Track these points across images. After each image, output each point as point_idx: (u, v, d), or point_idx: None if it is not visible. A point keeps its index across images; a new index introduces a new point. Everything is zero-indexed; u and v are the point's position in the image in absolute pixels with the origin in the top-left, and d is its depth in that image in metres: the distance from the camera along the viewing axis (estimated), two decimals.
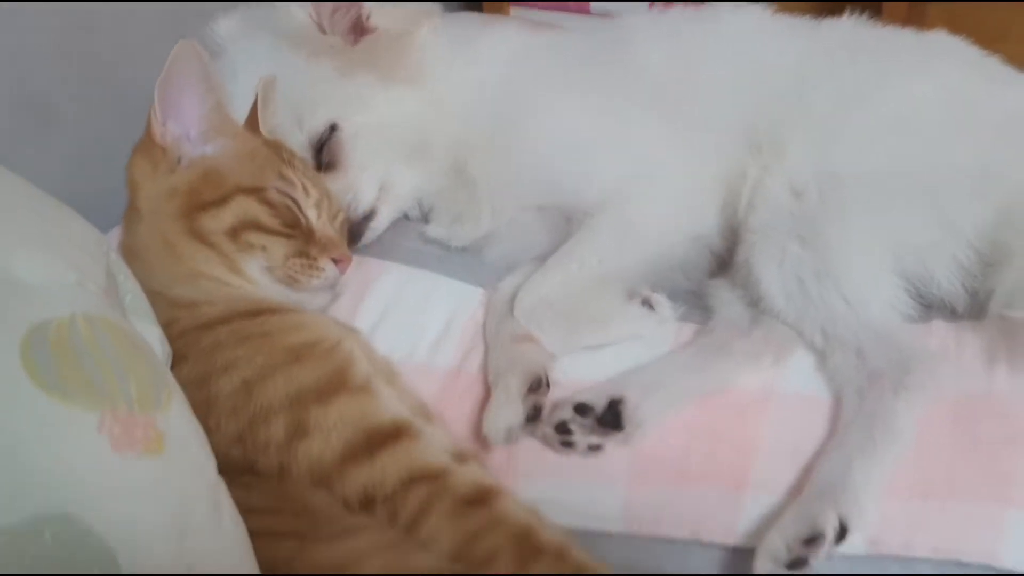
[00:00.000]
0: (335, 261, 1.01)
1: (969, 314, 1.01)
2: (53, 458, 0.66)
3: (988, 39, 2.08)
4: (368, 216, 1.17)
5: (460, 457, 0.92)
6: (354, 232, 1.15)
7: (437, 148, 1.16)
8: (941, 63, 1.12)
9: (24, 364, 0.68)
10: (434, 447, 0.90)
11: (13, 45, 1.43)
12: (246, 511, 0.79)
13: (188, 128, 0.98)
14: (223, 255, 0.96)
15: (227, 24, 1.18)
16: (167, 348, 0.88)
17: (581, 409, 0.95)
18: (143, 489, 0.68)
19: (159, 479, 0.69)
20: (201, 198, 0.96)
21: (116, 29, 1.60)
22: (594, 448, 0.96)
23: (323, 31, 1.12)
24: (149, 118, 0.97)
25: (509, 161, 1.13)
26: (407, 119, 1.15)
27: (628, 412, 0.95)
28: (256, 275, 0.98)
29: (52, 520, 0.64)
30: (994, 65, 1.15)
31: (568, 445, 0.96)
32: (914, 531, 0.89)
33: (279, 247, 0.98)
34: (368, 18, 1.13)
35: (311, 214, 1.02)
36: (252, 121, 1.07)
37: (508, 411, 0.96)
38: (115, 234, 1.02)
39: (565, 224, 1.12)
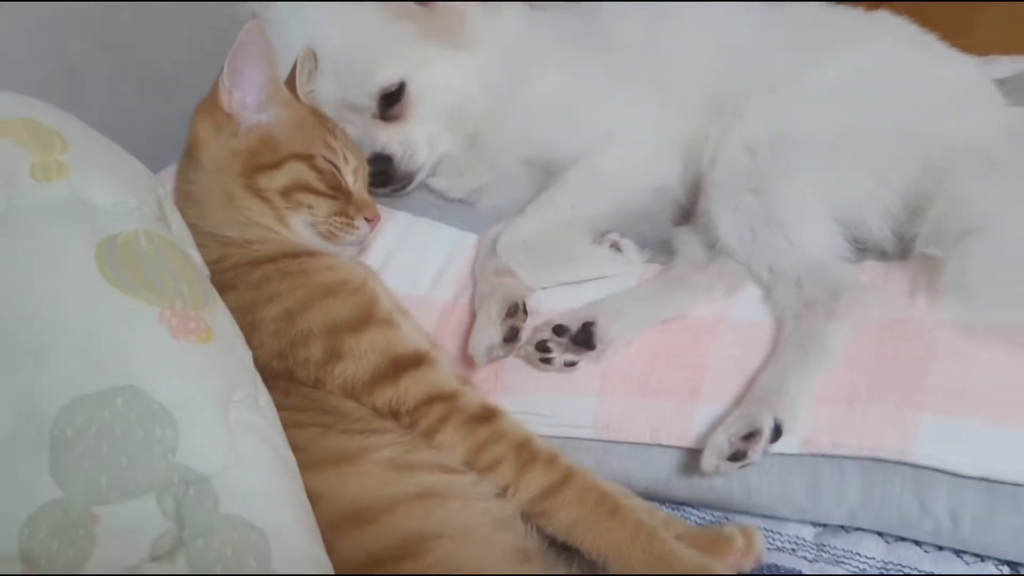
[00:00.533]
0: (367, 220, 1.16)
1: (898, 255, 1.16)
2: (124, 342, 0.81)
3: (951, 32, 2.23)
4: (418, 170, 1.32)
5: (463, 381, 1.08)
6: (404, 181, 1.31)
7: (470, 114, 1.32)
8: (880, 37, 1.27)
9: (99, 267, 0.83)
10: (447, 372, 1.05)
11: (46, 21, 1.57)
12: (280, 408, 0.94)
13: (249, 97, 1.11)
14: (275, 209, 1.11)
15: None
16: (206, 271, 1.03)
17: (558, 330, 1.10)
18: (196, 369, 0.83)
19: (208, 362, 0.84)
20: (260, 160, 1.11)
21: (141, 6, 1.74)
22: (569, 364, 1.11)
23: None
24: (216, 85, 1.11)
25: (507, 122, 1.28)
26: (459, 84, 1.31)
27: (599, 333, 1.10)
28: (300, 228, 1.13)
29: (123, 390, 0.79)
30: (929, 41, 1.30)
31: (547, 362, 1.11)
32: (841, 433, 1.04)
33: (323, 206, 1.13)
34: None
35: (349, 179, 1.17)
36: (290, 85, 1.20)
37: (489, 332, 1.12)
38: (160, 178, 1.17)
39: (547, 180, 1.27)
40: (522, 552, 0.92)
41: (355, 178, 1.19)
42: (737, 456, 1.00)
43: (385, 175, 1.27)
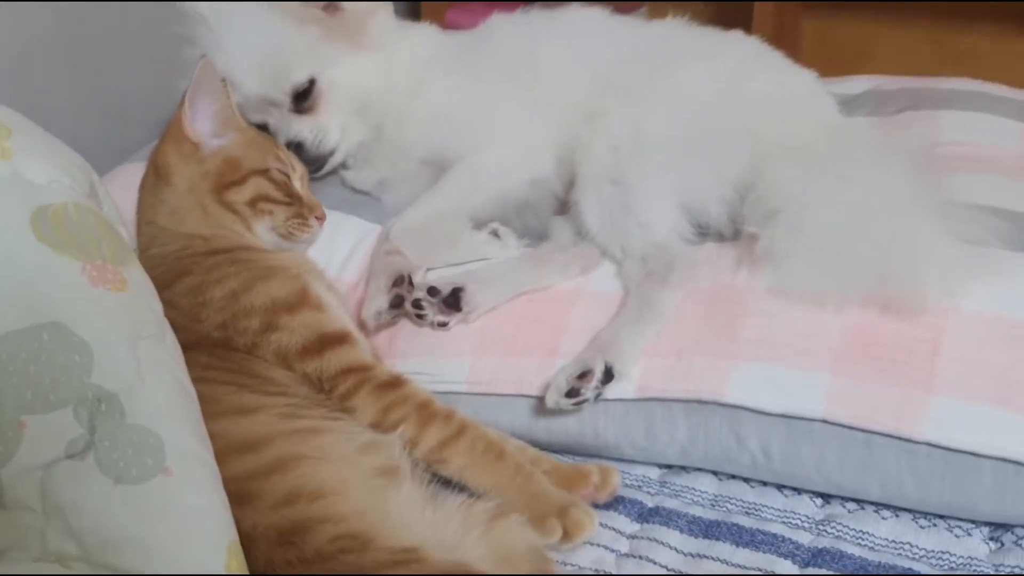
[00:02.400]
0: (317, 219, 1.36)
1: (734, 238, 1.36)
2: (51, 288, 0.99)
3: (856, 58, 2.45)
4: (330, 153, 1.51)
5: (377, 359, 1.27)
6: (318, 163, 1.50)
7: (375, 107, 1.51)
8: (726, 52, 1.47)
9: (32, 229, 1.01)
10: (364, 351, 1.24)
11: (11, 46, 1.71)
12: (210, 368, 1.14)
13: (208, 126, 1.30)
14: (244, 218, 1.30)
15: None
16: (131, 244, 1.21)
17: (431, 291, 1.29)
18: (110, 310, 1.00)
19: (121, 306, 1.02)
20: (226, 179, 1.29)
21: (105, 32, 1.87)
22: (441, 324, 1.30)
23: (305, 3, 1.45)
24: (177, 117, 1.29)
25: (407, 123, 1.48)
26: (364, 80, 1.50)
27: (467, 298, 1.29)
28: (262, 233, 1.31)
29: (49, 326, 0.97)
30: (774, 57, 1.51)
31: (421, 318, 1.30)
32: (669, 379, 1.22)
33: (282, 212, 1.32)
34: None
35: (298, 185, 1.37)
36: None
37: (377, 300, 1.31)
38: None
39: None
40: (388, 470, 1.09)
41: (302, 184, 1.38)
42: (572, 392, 1.19)
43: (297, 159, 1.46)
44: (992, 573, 1.09)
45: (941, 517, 1.18)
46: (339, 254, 1.42)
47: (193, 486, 0.95)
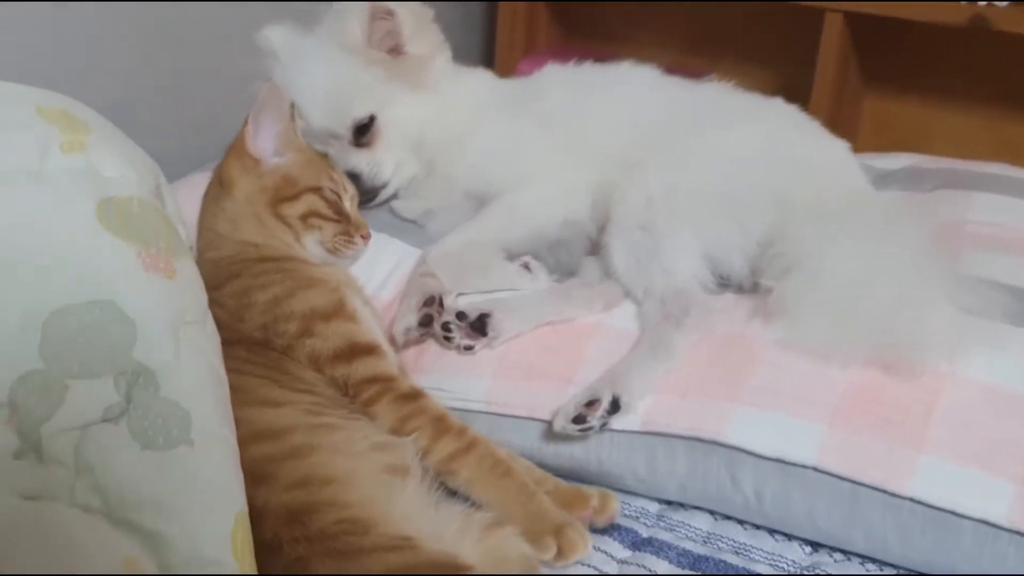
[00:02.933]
0: (362, 237, 1.46)
1: (752, 290, 1.42)
2: (107, 269, 1.09)
3: (913, 140, 2.49)
4: (383, 185, 1.62)
5: (403, 372, 1.36)
6: (371, 194, 1.61)
7: (429, 145, 1.61)
8: (765, 117, 1.55)
9: (98, 216, 1.12)
10: (391, 363, 1.33)
11: (100, 57, 1.84)
12: (246, 362, 1.24)
13: (269, 144, 1.41)
14: (294, 230, 1.41)
15: (279, 32, 1.61)
16: (192, 243, 1.32)
17: (460, 316, 1.37)
18: (158, 295, 1.10)
19: (169, 292, 1.12)
20: (282, 194, 1.41)
21: (190, 45, 2.00)
22: (467, 348, 1.37)
23: (371, 46, 1.56)
24: (242, 134, 1.41)
25: (457, 159, 1.58)
26: (420, 119, 1.60)
27: (493, 324, 1.37)
28: (311, 246, 1.42)
29: (101, 303, 1.07)
30: (809, 124, 1.57)
31: (448, 340, 1.38)
32: (674, 416, 1.28)
33: (330, 228, 1.43)
34: (405, 44, 1.58)
35: (348, 205, 1.47)
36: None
37: (408, 317, 1.39)
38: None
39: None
40: (397, 469, 1.17)
41: (352, 204, 1.49)
42: (579, 419, 1.26)
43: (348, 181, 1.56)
44: None
45: None
46: (380, 273, 1.51)
47: (211, 460, 1.04)
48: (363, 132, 1.57)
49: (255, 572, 1.00)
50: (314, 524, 1.05)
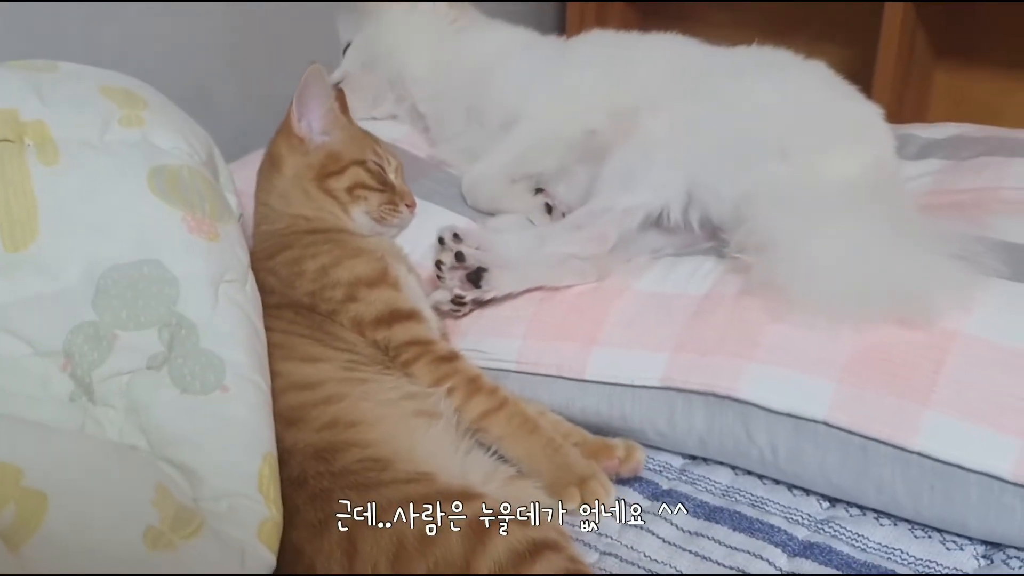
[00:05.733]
0: (407, 206, 1.55)
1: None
2: (155, 231, 1.19)
3: (984, 114, 2.47)
4: None
5: (443, 336, 1.44)
6: None
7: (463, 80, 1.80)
8: (784, 73, 1.58)
9: (148, 182, 1.22)
10: (431, 328, 1.42)
11: (180, 42, 1.98)
12: (293, 323, 1.33)
13: (315, 124, 1.51)
14: (341, 203, 1.50)
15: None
16: (239, 211, 1.42)
17: (459, 257, 1.45)
18: (201, 255, 1.20)
19: (211, 252, 1.21)
20: (328, 169, 1.50)
21: (264, 30, 2.14)
22: (458, 298, 1.46)
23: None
24: (289, 114, 1.50)
25: (493, 88, 1.73)
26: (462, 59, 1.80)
27: (487, 278, 1.45)
28: (358, 217, 1.51)
29: (149, 262, 1.17)
30: (838, 83, 1.60)
31: (439, 279, 1.47)
32: (691, 372, 1.32)
33: (375, 198, 1.52)
34: None
35: (392, 176, 1.56)
36: (342, 107, 1.61)
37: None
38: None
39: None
40: (425, 413, 1.25)
41: (396, 175, 1.57)
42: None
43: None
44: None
45: (937, 531, 1.24)
46: (425, 241, 1.59)
47: (244, 404, 1.13)
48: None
49: (279, 508, 1.09)
50: (338, 462, 1.13)
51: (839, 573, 1.17)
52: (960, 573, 1.17)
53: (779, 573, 1.19)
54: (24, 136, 1.19)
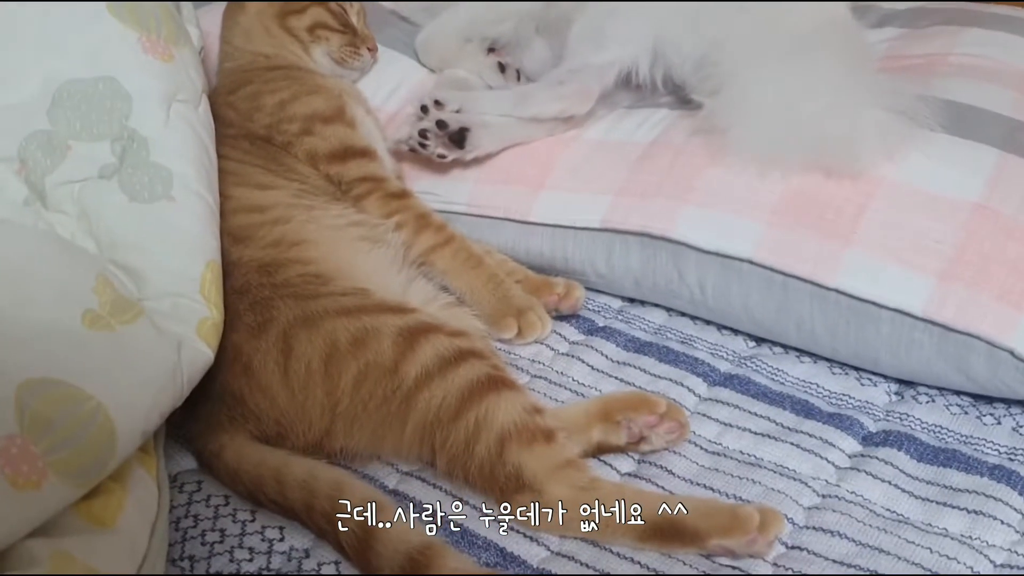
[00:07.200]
0: (369, 50, 1.59)
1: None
2: (111, 50, 1.22)
3: None
4: None
5: (398, 176, 1.50)
6: None
7: None
8: None
9: (107, 7, 1.24)
10: (385, 167, 1.46)
11: None
12: (249, 154, 1.38)
13: None
14: (301, 42, 1.55)
15: None
16: (200, 44, 1.45)
17: (440, 124, 1.47)
18: (154, 74, 1.23)
19: (165, 72, 1.24)
20: (289, 8, 1.54)
21: None
22: (440, 156, 1.47)
23: None
24: None
25: None
26: None
27: (470, 138, 1.46)
28: (319, 57, 1.55)
29: (104, 79, 1.21)
30: None
31: (423, 147, 1.47)
32: (629, 215, 1.38)
33: (337, 39, 1.56)
34: None
35: (354, 19, 1.60)
36: None
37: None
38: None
39: None
40: (368, 238, 1.30)
41: (358, 19, 1.61)
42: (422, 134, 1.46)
43: None
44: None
45: (855, 368, 1.30)
46: (386, 86, 1.63)
47: (189, 214, 1.18)
48: None
49: (220, 311, 1.14)
50: (280, 275, 1.19)
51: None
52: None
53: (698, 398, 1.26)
54: None
